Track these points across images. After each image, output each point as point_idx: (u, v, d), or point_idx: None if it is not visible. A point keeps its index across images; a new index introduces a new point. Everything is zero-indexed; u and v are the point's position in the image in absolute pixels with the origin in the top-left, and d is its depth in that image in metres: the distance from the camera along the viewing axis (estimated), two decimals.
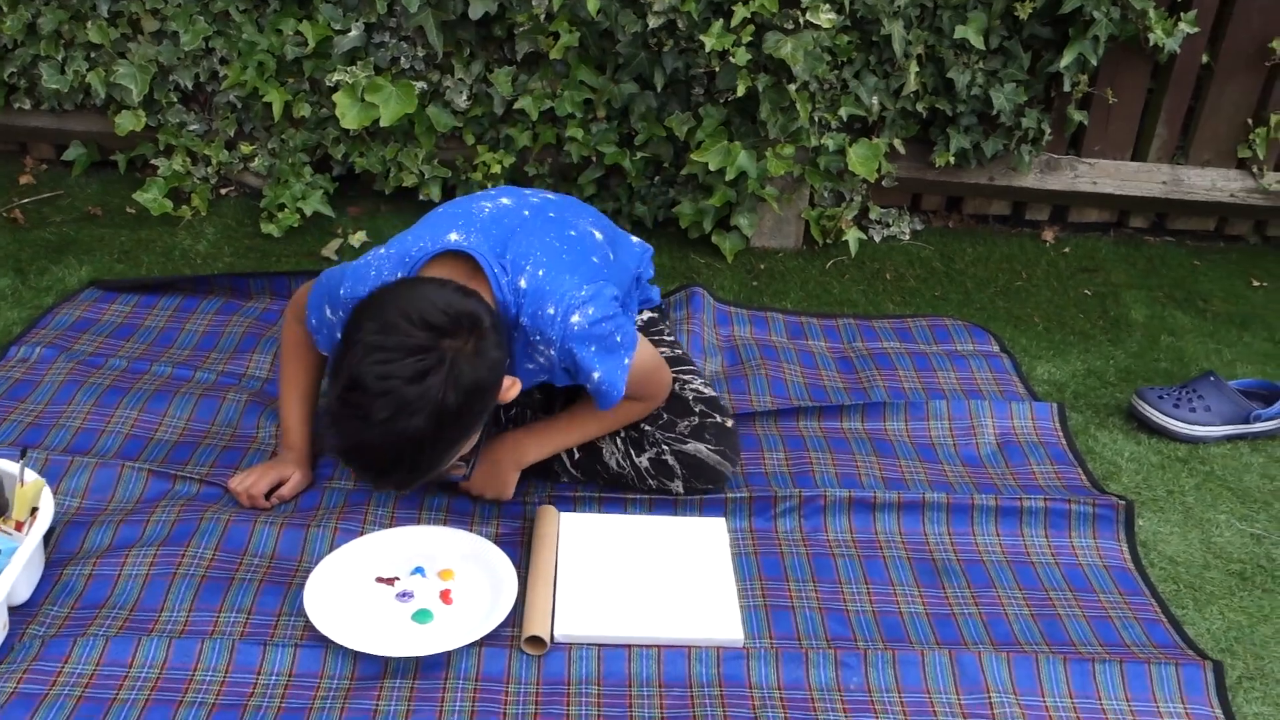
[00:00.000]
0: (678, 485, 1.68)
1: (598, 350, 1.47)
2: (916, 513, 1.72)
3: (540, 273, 1.45)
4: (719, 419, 1.69)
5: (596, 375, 1.48)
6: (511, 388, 1.41)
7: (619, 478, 1.69)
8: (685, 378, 1.74)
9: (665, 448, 1.66)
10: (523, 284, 1.44)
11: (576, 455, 1.69)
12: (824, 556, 1.64)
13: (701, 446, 1.66)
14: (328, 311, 1.52)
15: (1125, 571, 1.67)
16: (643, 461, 1.67)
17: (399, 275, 1.45)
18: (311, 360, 1.69)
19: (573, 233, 1.55)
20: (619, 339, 1.49)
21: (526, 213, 1.54)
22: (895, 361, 2.14)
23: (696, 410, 1.69)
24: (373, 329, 1.27)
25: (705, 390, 1.72)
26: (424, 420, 1.26)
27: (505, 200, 1.57)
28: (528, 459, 1.64)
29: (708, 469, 1.67)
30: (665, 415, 1.68)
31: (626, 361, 1.51)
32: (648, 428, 1.67)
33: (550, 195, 1.67)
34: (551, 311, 1.44)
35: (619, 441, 1.67)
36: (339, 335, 1.48)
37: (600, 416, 1.63)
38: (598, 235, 1.61)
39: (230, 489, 1.64)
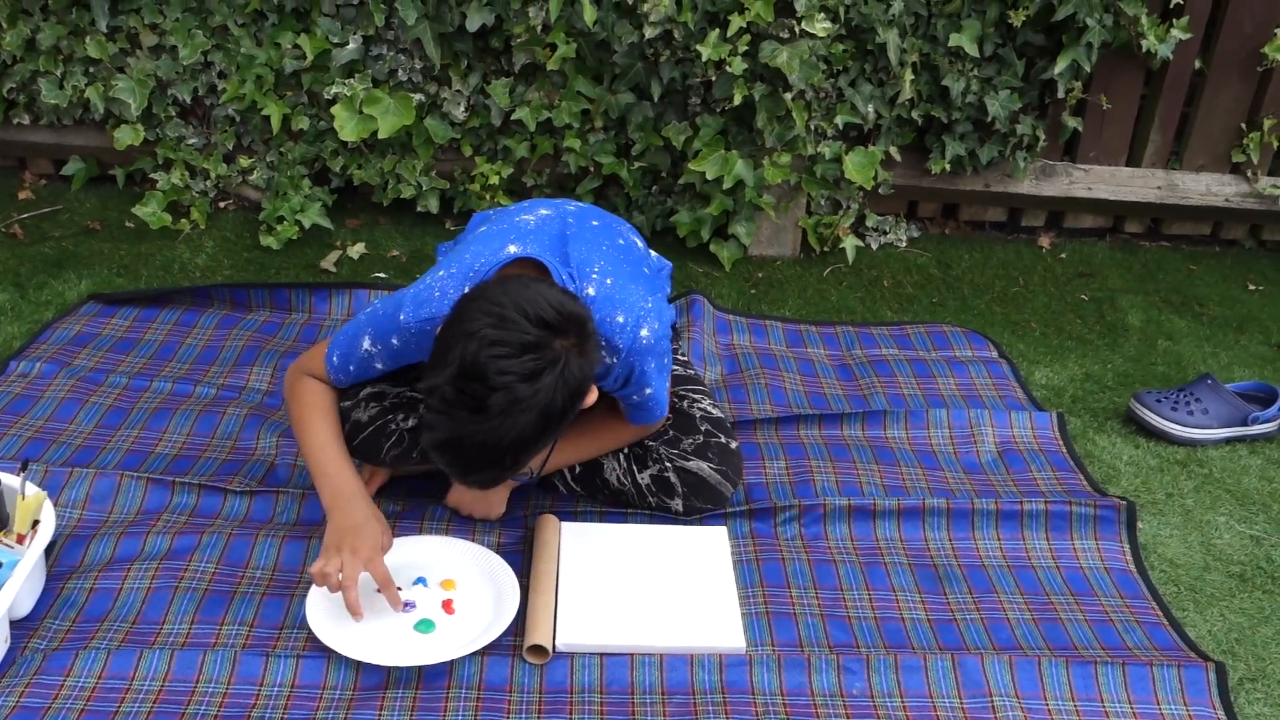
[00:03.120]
0: (677, 504, 1.68)
1: (656, 367, 1.49)
2: (917, 519, 1.72)
3: (609, 281, 1.45)
4: (723, 439, 1.68)
5: (649, 391, 1.51)
6: (591, 393, 1.37)
7: (619, 494, 1.69)
8: (695, 396, 1.73)
9: (668, 464, 1.66)
10: (591, 291, 1.44)
11: (576, 471, 1.69)
12: (825, 563, 1.64)
13: (704, 465, 1.66)
14: (367, 344, 1.47)
15: (1126, 574, 1.67)
16: (644, 478, 1.66)
17: (466, 290, 1.41)
18: (336, 414, 1.57)
19: (621, 241, 1.55)
20: (666, 360, 1.52)
21: (571, 220, 1.53)
22: (894, 368, 2.15)
23: (702, 429, 1.68)
24: (489, 322, 1.24)
25: (713, 410, 1.72)
26: (532, 419, 1.25)
27: (544, 210, 1.55)
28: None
29: (709, 488, 1.67)
30: (671, 431, 1.68)
31: (667, 384, 1.53)
32: (651, 444, 1.67)
33: (583, 204, 1.64)
34: (621, 320, 1.44)
35: (621, 458, 1.67)
36: (394, 360, 1.47)
37: (595, 437, 1.63)
38: (639, 244, 1.62)
39: (319, 577, 1.42)
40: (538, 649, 1.43)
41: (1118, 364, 2.24)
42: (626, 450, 1.67)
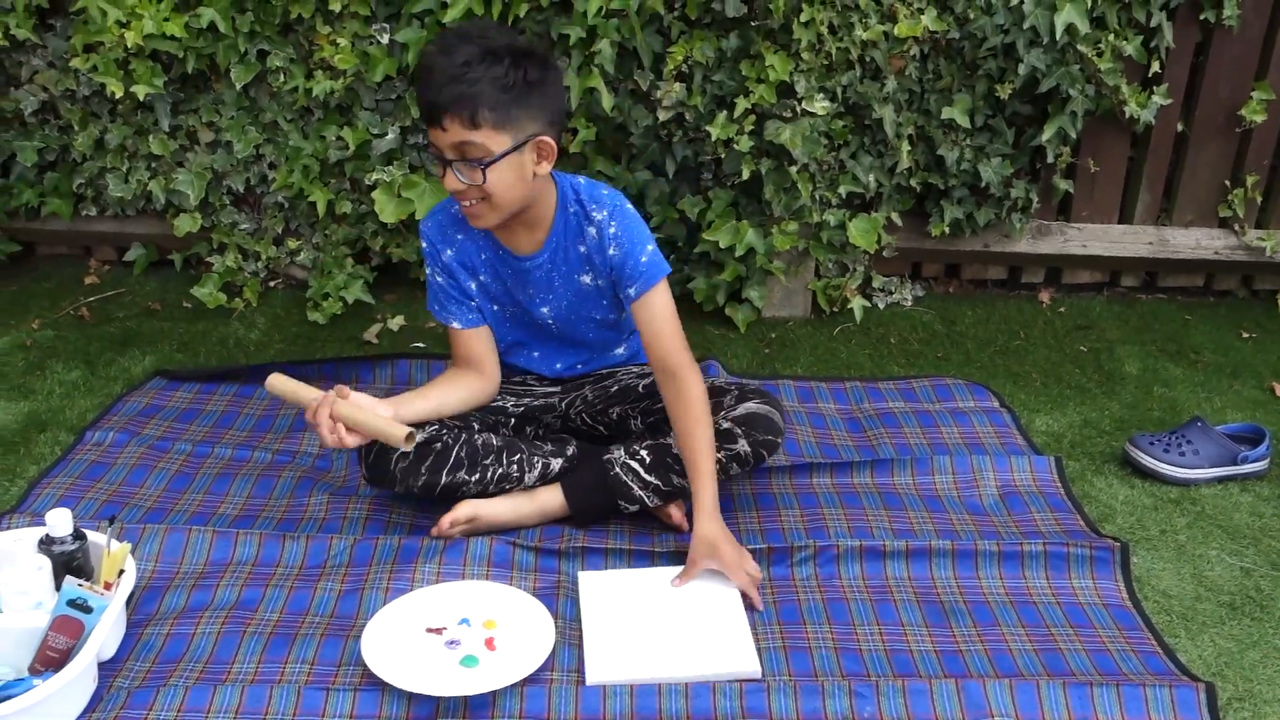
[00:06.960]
0: (743, 445, 1.85)
1: (646, 232, 1.82)
2: (924, 559, 1.84)
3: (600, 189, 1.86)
4: (756, 387, 1.94)
5: (650, 249, 1.81)
6: (551, 152, 1.73)
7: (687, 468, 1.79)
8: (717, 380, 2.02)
9: (722, 422, 1.86)
10: (581, 181, 1.85)
11: (648, 460, 1.84)
12: (838, 601, 1.76)
13: (749, 404, 1.89)
14: (427, 272, 1.95)
15: (1123, 609, 1.77)
16: None
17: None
18: (438, 384, 1.91)
19: None
20: (649, 233, 1.85)
21: None
22: (901, 420, 2.28)
23: (733, 390, 1.94)
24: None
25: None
26: (513, 38, 1.70)
27: None
28: (719, 523, 1.75)
29: (761, 419, 1.87)
30: (712, 399, 1.88)
31: (665, 266, 1.83)
32: None
33: None
34: (605, 192, 1.84)
35: None
36: (434, 258, 1.92)
37: (693, 414, 1.76)
38: None
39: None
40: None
41: (1115, 410, 2.36)
42: None
